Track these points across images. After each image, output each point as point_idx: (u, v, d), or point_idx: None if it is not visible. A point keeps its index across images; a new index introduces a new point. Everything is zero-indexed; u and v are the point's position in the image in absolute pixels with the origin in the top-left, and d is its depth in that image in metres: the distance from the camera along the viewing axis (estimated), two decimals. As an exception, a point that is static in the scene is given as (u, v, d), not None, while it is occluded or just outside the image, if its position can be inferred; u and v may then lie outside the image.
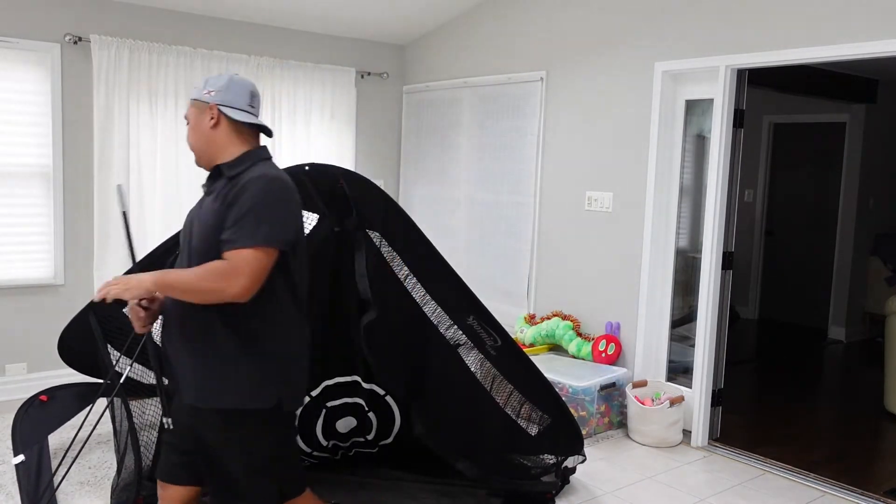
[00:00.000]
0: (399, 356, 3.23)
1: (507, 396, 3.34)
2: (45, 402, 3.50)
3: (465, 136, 5.58)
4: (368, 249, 3.12)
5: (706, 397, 4.17)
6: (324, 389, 3.35)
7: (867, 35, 3.45)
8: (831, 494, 3.62)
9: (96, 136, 4.67)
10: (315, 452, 3.46)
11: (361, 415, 3.42)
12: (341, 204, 3.08)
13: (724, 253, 4.14)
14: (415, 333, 3.21)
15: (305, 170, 3.02)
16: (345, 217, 3.11)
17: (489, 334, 3.26)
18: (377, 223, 3.12)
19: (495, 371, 3.29)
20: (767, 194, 7.67)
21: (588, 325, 4.74)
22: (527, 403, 3.36)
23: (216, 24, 5.15)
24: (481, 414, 3.31)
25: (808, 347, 6.73)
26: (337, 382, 3.36)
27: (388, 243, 3.14)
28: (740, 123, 4.09)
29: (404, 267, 3.16)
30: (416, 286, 3.18)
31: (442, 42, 5.79)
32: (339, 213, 3.10)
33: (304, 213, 3.06)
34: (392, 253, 3.15)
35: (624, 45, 4.49)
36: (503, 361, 3.30)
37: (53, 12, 4.54)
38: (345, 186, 3.06)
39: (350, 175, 3.09)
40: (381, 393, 3.40)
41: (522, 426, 3.37)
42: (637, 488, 3.61)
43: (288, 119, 5.45)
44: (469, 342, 3.25)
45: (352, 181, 3.08)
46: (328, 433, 3.43)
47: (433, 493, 3.33)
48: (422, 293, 3.19)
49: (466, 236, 5.61)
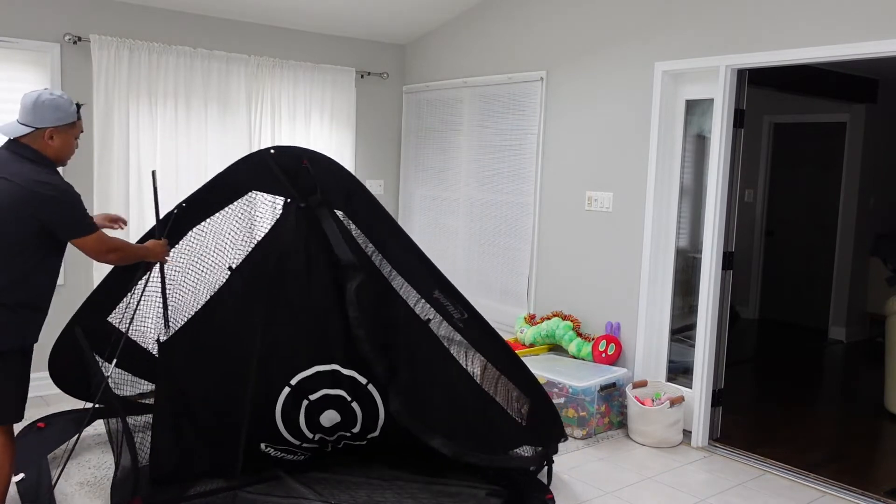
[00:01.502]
0: (374, 329, 3.24)
1: (482, 371, 3.38)
2: (43, 428, 3.59)
3: (465, 136, 5.58)
4: (336, 226, 3.18)
5: (706, 397, 4.17)
6: (301, 381, 3.32)
7: (867, 35, 3.45)
8: (831, 494, 3.62)
9: (96, 136, 4.67)
10: (304, 444, 3.45)
11: (344, 407, 3.39)
12: (305, 183, 3.16)
13: (724, 253, 4.14)
14: (386, 308, 3.25)
15: (271, 153, 3.14)
16: (309, 195, 3.17)
17: (455, 307, 3.31)
18: (341, 202, 3.19)
19: (467, 344, 3.34)
20: (767, 194, 7.67)
21: (588, 325, 4.74)
22: (502, 378, 3.39)
23: (216, 24, 5.15)
24: (457, 390, 3.34)
25: (808, 347, 6.72)
26: (315, 372, 3.32)
27: (352, 222, 3.21)
28: (740, 123, 4.09)
29: (369, 244, 3.23)
30: (383, 262, 3.25)
31: (442, 42, 5.79)
32: (303, 192, 3.17)
33: (268, 196, 3.17)
34: (357, 231, 3.22)
35: (624, 45, 4.49)
36: (472, 335, 3.34)
37: (53, 12, 4.54)
38: (308, 166, 3.14)
39: (314, 155, 3.18)
40: (362, 382, 3.36)
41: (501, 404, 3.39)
42: (637, 488, 3.61)
43: (288, 119, 5.45)
44: (438, 316, 3.29)
45: (315, 161, 3.16)
46: (313, 427, 3.41)
47: (433, 493, 3.33)
48: (388, 269, 3.25)
49: (466, 236, 5.60)
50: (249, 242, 3.24)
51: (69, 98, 2.83)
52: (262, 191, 3.21)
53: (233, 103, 5.18)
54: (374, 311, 3.24)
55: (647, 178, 4.37)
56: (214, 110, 5.11)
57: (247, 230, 3.22)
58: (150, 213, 4.88)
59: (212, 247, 3.27)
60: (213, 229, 3.25)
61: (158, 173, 4.83)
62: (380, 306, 3.25)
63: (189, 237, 3.24)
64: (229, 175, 3.23)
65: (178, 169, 4.95)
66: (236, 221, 3.25)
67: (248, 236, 3.23)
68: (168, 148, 4.92)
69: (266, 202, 3.22)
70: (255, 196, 3.22)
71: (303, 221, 3.18)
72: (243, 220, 3.23)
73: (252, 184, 3.20)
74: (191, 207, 3.22)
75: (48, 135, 2.74)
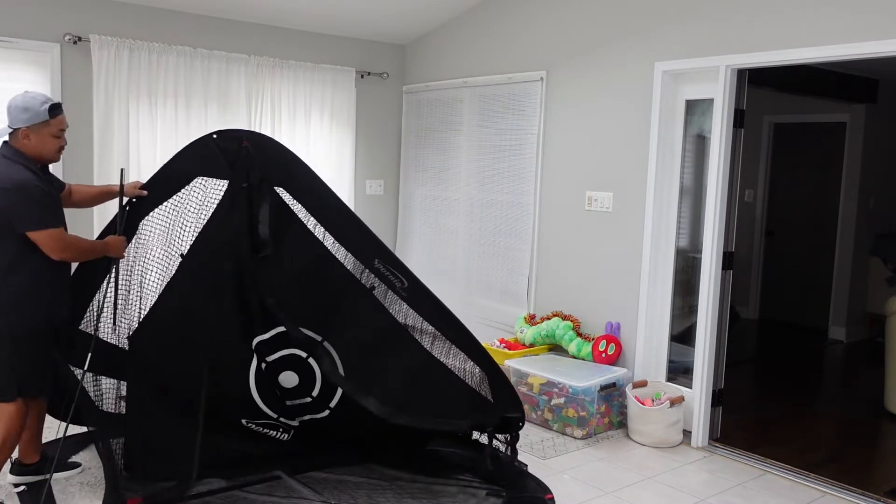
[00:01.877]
0: (310, 296, 3.32)
1: (432, 341, 3.41)
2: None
3: (465, 136, 5.58)
4: (273, 203, 3.23)
5: (706, 397, 4.17)
6: (259, 345, 3.36)
7: (867, 35, 3.45)
8: (831, 495, 3.62)
9: (96, 136, 4.67)
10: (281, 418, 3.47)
11: (303, 366, 3.41)
12: (246, 163, 3.21)
13: (724, 253, 4.14)
14: (328, 278, 3.32)
15: (213, 138, 3.21)
16: (250, 173, 3.22)
17: (396, 276, 3.37)
18: (281, 179, 3.26)
19: (414, 313, 3.38)
20: (767, 194, 7.67)
21: (588, 325, 4.74)
22: (453, 348, 3.42)
23: (216, 24, 5.15)
24: (403, 356, 3.37)
25: (808, 347, 6.72)
26: (273, 335, 3.36)
27: (292, 196, 3.28)
28: (740, 123, 4.09)
29: (311, 217, 3.30)
30: (326, 235, 3.32)
31: (442, 42, 5.79)
32: (244, 173, 3.22)
33: (213, 180, 3.22)
34: (298, 205, 3.29)
35: (624, 45, 4.49)
36: (416, 302, 3.39)
37: (53, 12, 4.55)
38: (249, 147, 3.20)
39: (253, 135, 3.26)
40: (318, 339, 3.37)
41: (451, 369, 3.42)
42: (637, 488, 3.61)
43: (288, 119, 5.45)
44: (382, 285, 3.35)
45: (255, 142, 3.24)
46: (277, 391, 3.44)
47: (433, 494, 3.33)
48: (331, 241, 3.32)
49: (466, 236, 5.60)
50: (197, 227, 3.27)
51: (43, 98, 2.97)
52: (207, 176, 3.24)
53: (233, 103, 5.18)
54: (319, 281, 3.32)
55: (647, 178, 4.37)
56: (214, 110, 5.11)
57: (195, 216, 3.25)
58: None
59: (164, 237, 3.29)
60: (163, 219, 3.27)
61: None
62: (324, 277, 3.32)
63: (141, 230, 3.26)
64: (175, 164, 3.28)
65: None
66: (185, 209, 3.27)
67: (197, 221, 3.25)
68: (168, 148, 4.91)
69: (212, 187, 3.25)
70: (201, 182, 3.25)
71: (244, 201, 3.22)
72: (191, 206, 3.25)
73: (197, 170, 3.24)
74: (140, 201, 3.25)
75: (23, 134, 2.93)
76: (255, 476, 3.36)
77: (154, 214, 3.26)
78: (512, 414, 3.48)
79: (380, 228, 6.16)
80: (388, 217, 6.21)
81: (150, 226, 3.27)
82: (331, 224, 3.33)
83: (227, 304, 3.27)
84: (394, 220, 6.24)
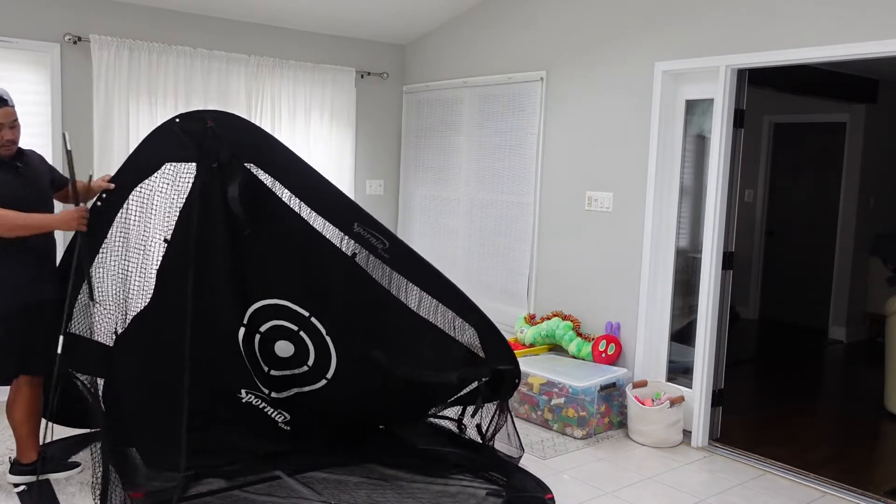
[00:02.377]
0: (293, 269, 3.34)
1: (419, 300, 3.43)
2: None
3: (465, 136, 5.58)
4: (245, 179, 3.23)
5: (706, 397, 4.17)
6: (252, 315, 3.37)
7: (867, 35, 3.45)
8: (831, 494, 3.62)
9: (96, 136, 4.67)
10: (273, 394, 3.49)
11: (294, 337, 3.43)
12: (213, 143, 3.19)
13: (724, 253, 4.14)
14: (309, 248, 3.32)
15: (176, 121, 3.19)
16: (219, 152, 3.21)
17: (377, 238, 3.36)
18: (250, 155, 3.24)
19: (398, 275, 3.39)
20: (767, 194, 7.67)
21: (588, 325, 4.74)
22: (441, 306, 3.44)
23: (216, 24, 5.15)
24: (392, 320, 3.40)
25: (808, 347, 6.72)
26: (262, 305, 3.38)
27: (264, 171, 3.26)
28: (740, 123, 4.09)
29: (285, 189, 3.29)
30: (302, 206, 3.31)
31: (442, 42, 5.79)
32: (213, 152, 3.21)
33: (182, 164, 3.21)
34: (270, 178, 3.27)
35: (624, 45, 4.49)
36: (399, 263, 3.39)
37: (53, 12, 4.54)
38: (213, 126, 3.18)
39: (217, 114, 3.23)
40: (305, 314, 3.40)
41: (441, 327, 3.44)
42: (637, 488, 3.61)
43: (288, 119, 5.45)
44: (363, 250, 3.35)
45: (219, 120, 3.22)
46: (271, 361, 3.46)
47: (433, 494, 3.33)
48: (308, 211, 3.31)
49: (466, 236, 5.61)
50: (175, 212, 3.26)
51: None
52: (175, 161, 3.22)
53: (233, 103, 5.18)
54: (299, 255, 3.33)
55: (647, 178, 4.37)
56: (214, 110, 5.11)
57: (171, 201, 3.24)
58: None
59: (140, 225, 3.27)
60: (137, 209, 3.25)
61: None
62: (304, 250, 3.33)
63: (117, 223, 3.24)
64: (141, 153, 3.25)
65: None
66: (158, 196, 3.25)
67: (173, 206, 3.24)
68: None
69: (182, 171, 3.23)
70: (171, 167, 3.23)
71: (217, 181, 3.21)
72: (165, 192, 3.24)
73: (165, 156, 3.22)
74: (111, 193, 3.22)
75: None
76: (256, 476, 3.36)
77: (127, 203, 3.23)
78: (504, 367, 3.49)
79: (380, 228, 6.16)
80: (388, 217, 6.21)
81: (124, 216, 3.25)
82: (306, 194, 3.31)
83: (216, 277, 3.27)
84: (394, 220, 6.24)
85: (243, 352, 3.39)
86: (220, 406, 3.47)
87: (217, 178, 3.21)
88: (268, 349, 3.45)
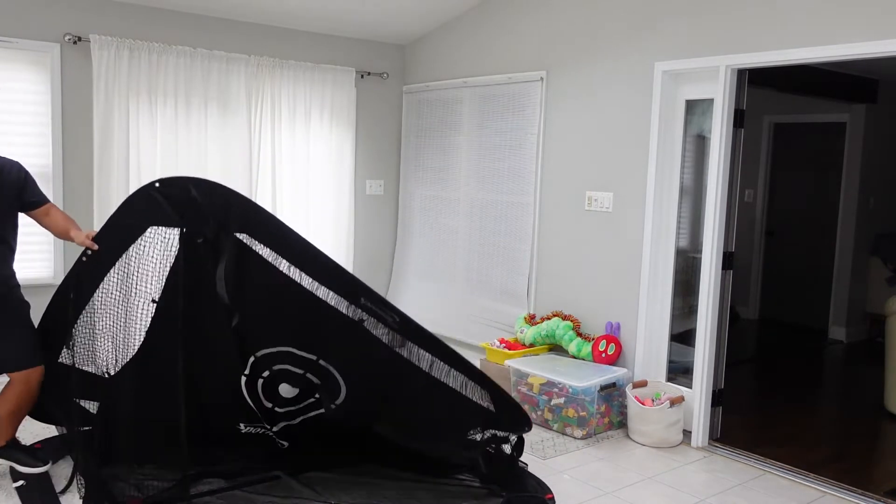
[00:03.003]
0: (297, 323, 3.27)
1: (430, 365, 3.36)
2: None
3: (465, 136, 5.58)
4: (234, 253, 3.14)
5: (706, 397, 4.17)
6: (255, 362, 3.33)
7: (867, 35, 3.45)
8: (831, 494, 3.62)
9: (96, 136, 4.67)
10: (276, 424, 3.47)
11: (302, 379, 3.39)
12: (197, 215, 3.11)
13: (724, 253, 4.14)
14: (313, 309, 3.24)
15: (156, 186, 3.10)
16: (203, 226, 3.12)
17: (385, 313, 3.29)
18: (239, 224, 3.15)
19: (409, 343, 3.32)
20: (767, 194, 7.67)
21: (588, 325, 4.74)
22: (452, 371, 3.37)
23: (216, 24, 5.15)
24: (403, 381, 3.34)
25: (808, 347, 6.72)
26: (267, 353, 3.34)
27: (258, 241, 3.17)
28: (740, 123, 4.09)
29: (282, 260, 3.19)
30: (302, 275, 3.21)
31: (442, 42, 5.79)
32: (197, 223, 3.12)
33: (163, 229, 3.12)
34: (265, 249, 3.18)
35: (624, 45, 4.49)
36: (409, 333, 3.32)
37: (53, 12, 4.55)
38: (196, 195, 3.09)
39: (200, 183, 3.13)
40: (312, 358, 3.35)
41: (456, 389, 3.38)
42: (637, 488, 3.61)
43: (288, 119, 5.45)
44: (371, 319, 3.28)
45: (202, 188, 3.12)
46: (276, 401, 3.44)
47: (432, 493, 3.33)
48: (309, 280, 3.22)
49: (466, 236, 5.60)
50: (162, 276, 3.20)
51: None
52: (157, 225, 3.15)
53: (233, 103, 5.18)
54: (301, 311, 3.25)
55: (646, 178, 4.37)
56: (214, 110, 5.11)
57: (157, 265, 3.18)
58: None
59: (128, 288, 3.23)
60: (121, 274, 3.21)
61: (158, 173, 4.89)
62: (309, 309, 3.24)
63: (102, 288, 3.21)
64: (123, 217, 3.18)
65: (178, 169, 4.95)
66: (145, 261, 3.20)
67: (160, 270, 3.19)
68: (168, 148, 4.92)
69: (166, 235, 3.17)
70: (153, 231, 3.16)
71: (204, 257, 3.14)
72: (151, 257, 3.18)
73: (148, 220, 3.15)
74: (95, 255, 3.19)
75: None
76: (256, 476, 3.36)
77: (113, 268, 3.20)
78: (519, 429, 3.46)
79: (380, 228, 6.16)
80: (388, 217, 6.21)
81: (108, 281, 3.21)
82: (304, 264, 3.20)
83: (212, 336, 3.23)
84: (394, 220, 6.24)
85: (246, 394, 3.37)
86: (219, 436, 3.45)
87: (203, 254, 3.13)
88: (271, 390, 3.40)
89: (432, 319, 5.84)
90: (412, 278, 6.05)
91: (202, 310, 3.20)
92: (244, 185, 5.26)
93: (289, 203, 5.50)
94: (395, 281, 6.20)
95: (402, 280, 6.14)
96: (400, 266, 6.18)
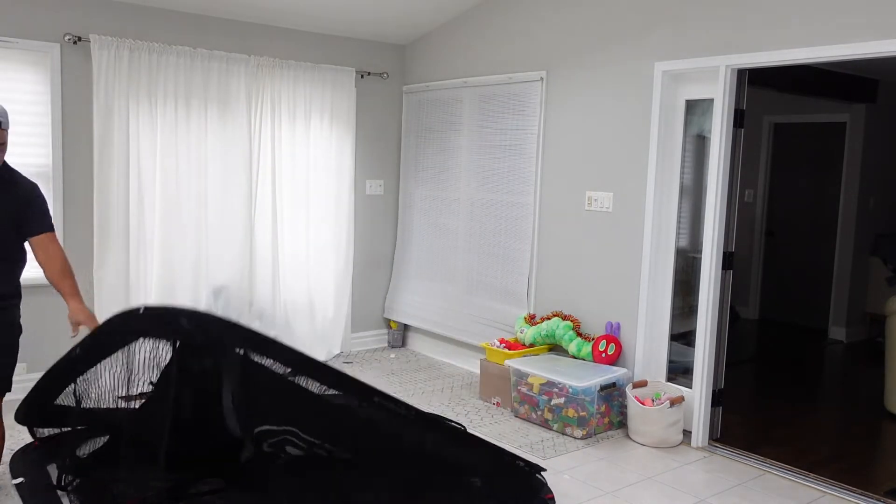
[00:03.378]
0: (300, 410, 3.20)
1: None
2: (38, 446, 3.63)
3: (465, 136, 5.58)
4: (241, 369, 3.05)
5: (706, 397, 4.17)
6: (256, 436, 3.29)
7: (867, 35, 3.45)
8: (831, 494, 3.62)
9: (96, 136, 4.67)
10: None
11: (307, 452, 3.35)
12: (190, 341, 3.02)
13: (724, 253, 4.14)
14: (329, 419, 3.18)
15: (140, 313, 2.97)
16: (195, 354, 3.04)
17: (400, 407, 3.22)
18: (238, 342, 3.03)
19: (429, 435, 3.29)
20: (767, 194, 7.67)
21: (588, 325, 4.74)
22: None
23: (216, 24, 5.15)
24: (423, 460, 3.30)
25: (808, 347, 6.72)
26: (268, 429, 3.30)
27: (257, 354, 3.06)
28: (740, 123, 4.09)
29: (285, 368, 3.08)
30: (308, 381, 3.10)
31: (442, 42, 5.79)
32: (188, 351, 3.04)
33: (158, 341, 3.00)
34: (268, 360, 3.06)
35: (624, 45, 4.49)
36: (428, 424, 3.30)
37: (53, 12, 4.54)
38: (185, 324, 2.99)
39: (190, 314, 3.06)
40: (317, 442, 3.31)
41: None
42: (637, 488, 3.61)
43: (288, 119, 5.45)
44: (385, 415, 3.21)
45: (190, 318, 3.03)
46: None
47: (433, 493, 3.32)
48: (316, 385, 3.12)
49: (466, 236, 5.60)
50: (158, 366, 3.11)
51: None
52: (149, 337, 3.05)
53: (233, 103, 5.18)
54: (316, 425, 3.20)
55: (647, 178, 4.37)
56: (214, 110, 5.11)
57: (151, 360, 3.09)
58: (150, 215, 4.89)
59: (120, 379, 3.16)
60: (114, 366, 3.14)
61: (158, 173, 4.89)
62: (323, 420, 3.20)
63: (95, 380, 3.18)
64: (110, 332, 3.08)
65: (178, 169, 4.95)
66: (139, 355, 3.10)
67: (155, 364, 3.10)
68: (168, 148, 4.92)
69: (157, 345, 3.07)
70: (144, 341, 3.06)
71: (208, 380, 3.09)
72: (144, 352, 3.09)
73: (138, 332, 3.06)
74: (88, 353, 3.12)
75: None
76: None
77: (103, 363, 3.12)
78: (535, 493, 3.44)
79: (380, 228, 6.16)
80: (388, 217, 6.21)
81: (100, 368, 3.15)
82: (309, 372, 3.11)
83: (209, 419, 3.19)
84: (394, 220, 6.24)
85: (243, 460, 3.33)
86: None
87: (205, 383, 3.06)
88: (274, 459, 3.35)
89: (432, 319, 5.84)
90: (412, 278, 6.05)
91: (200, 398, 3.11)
92: (244, 185, 5.26)
93: (289, 203, 5.50)
94: (395, 281, 6.20)
95: (402, 280, 6.14)
96: (400, 266, 6.18)
